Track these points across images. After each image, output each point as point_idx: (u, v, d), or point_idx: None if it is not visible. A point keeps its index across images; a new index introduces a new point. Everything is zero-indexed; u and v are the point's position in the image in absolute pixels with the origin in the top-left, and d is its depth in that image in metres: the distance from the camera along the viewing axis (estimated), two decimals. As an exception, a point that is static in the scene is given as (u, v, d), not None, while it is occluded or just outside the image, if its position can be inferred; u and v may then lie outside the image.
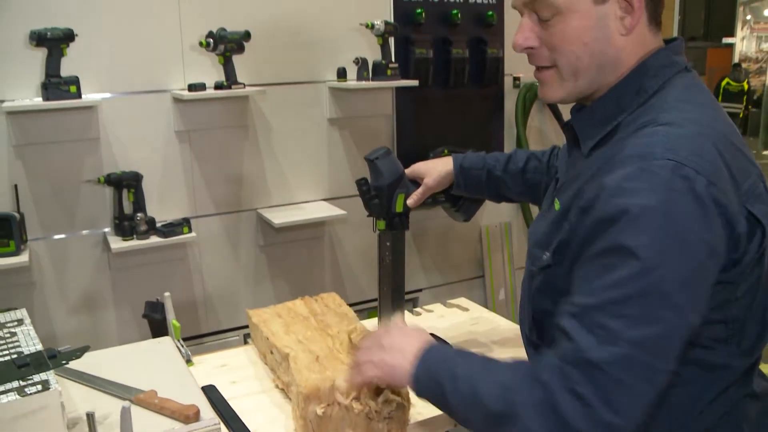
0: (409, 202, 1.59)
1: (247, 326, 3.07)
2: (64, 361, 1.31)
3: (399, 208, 1.61)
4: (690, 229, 0.88)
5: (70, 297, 2.79)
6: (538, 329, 1.14)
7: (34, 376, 1.24)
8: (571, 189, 1.07)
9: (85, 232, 2.78)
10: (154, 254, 2.84)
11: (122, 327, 2.88)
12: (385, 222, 1.64)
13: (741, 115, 11.35)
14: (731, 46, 13.09)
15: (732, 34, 13.22)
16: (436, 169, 1.59)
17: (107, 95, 2.70)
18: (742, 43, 12.88)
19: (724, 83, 11.96)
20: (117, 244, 2.67)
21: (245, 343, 2.94)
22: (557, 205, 1.09)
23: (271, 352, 1.58)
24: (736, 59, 12.64)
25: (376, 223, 1.66)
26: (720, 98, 11.58)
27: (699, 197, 0.88)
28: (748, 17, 12.66)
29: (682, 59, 1.08)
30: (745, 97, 11.55)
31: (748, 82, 11.66)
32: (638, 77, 1.04)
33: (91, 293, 2.82)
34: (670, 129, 0.94)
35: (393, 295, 1.70)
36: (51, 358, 1.30)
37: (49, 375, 1.24)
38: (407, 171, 1.62)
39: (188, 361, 1.66)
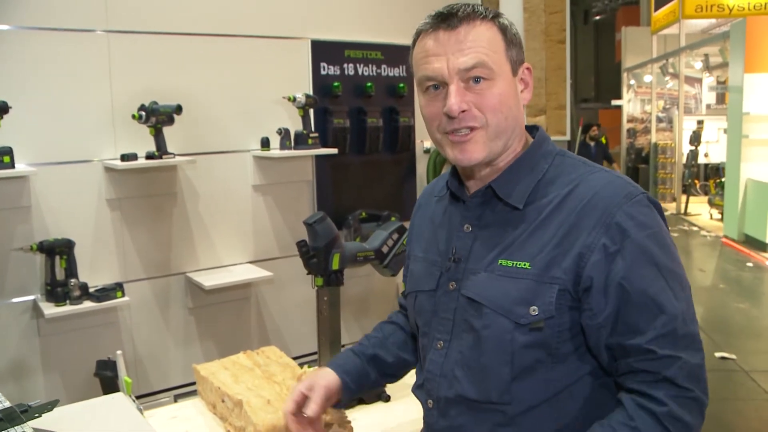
0: (311, 410, 1.27)
1: (178, 386, 3.18)
2: (37, 414, 1.41)
3: (335, 266, 1.85)
4: (669, 233, 1.15)
5: (-3, 365, 2.80)
6: (509, 391, 1.14)
7: (9, 429, 1.34)
8: (534, 245, 1.13)
9: (14, 300, 2.81)
10: (85, 319, 2.90)
11: (51, 392, 2.89)
12: (322, 279, 1.87)
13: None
14: (620, 107, 14.12)
15: (619, 96, 14.27)
16: (320, 377, 1.36)
17: (40, 165, 2.79)
18: (629, 104, 13.90)
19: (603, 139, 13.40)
20: (50, 310, 2.72)
21: (175, 402, 3.02)
22: (522, 264, 1.13)
23: (223, 401, 1.71)
24: (624, 120, 13.62)
25: (315, 280, 1.87)
26: (576, 150, 12.89)
27: (661, 213, 1.15)
28: (632, 82, 13.68)
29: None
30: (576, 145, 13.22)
31: (606, 138, 12.99)
32: (540, 145, 1.22)
33: (18, 360, 2.84)
34: (614, 175, 1.16)
35: (331, 344, 1.88)
36: (23, 412, 1.40)
37: (26, 428, 1.35)
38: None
39: (141, 414, 1.77)
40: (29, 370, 2.87)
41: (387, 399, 1.88)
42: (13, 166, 2.64)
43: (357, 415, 1.80)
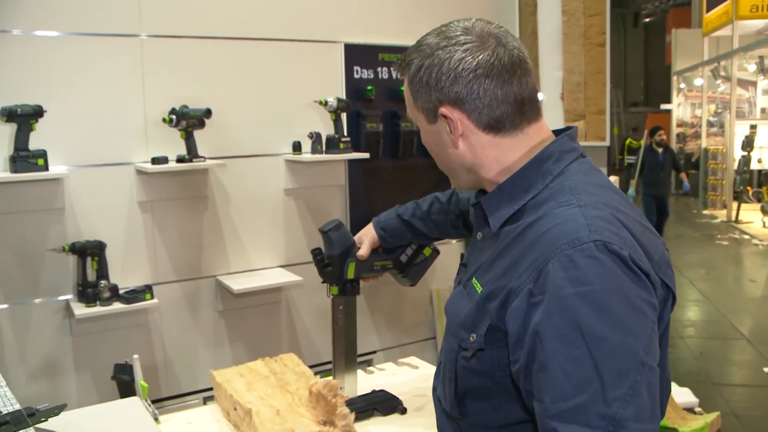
0: (360, 253, 1.78)
1: (206, 389, 3.19)
2: (43, 418, 1.42)
3: (350, 275, 1.80)
4: (637, 296, 0.93)
5: (30, 363, 2.85)
6: (460, 405, 1.12)
7: (14, 433, 1.34)
8: (492, 271, 1.08)
9: (47, 299, 2.86)
10: (116, 320, 2.93)
11: (82, 392, 2.94)
12: (337, 288, 1.84)
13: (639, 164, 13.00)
14: (669, 111, 13.83)
15: (669, 100, 13.97)
16: (368, 231, 1.82)
17: (73, 167, 2.83)
18: (678, 109, 13.60)
19: (627, 142, 13.97)
20: (80, 310, 2.76)
21: (204, 404, 3.03)
22: (478, 287, 1.09)
23: (235, 409, 1.70)
24: (674, 124, 13.34)
25: (330, 289, 1.85)
26: (625, 152, 13.09)
27: (631, 267, 0.94)
28: (682, 86, 13.38)
29: (579, 145, 1.16)
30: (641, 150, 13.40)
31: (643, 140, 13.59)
32: (542, 162, 1.10)
33: (51, 359, 2.89)
34: (587, 211, 0.99)
35: (346, 354, 1.86)
36: (30, 416, 1.41)
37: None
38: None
39: (156, 420, 1.77)
40: (62, 370, 2.91)
41: (403, 411, 1.84)
42: (47, 169, 2.68)
43: (372, 429, 1.77)
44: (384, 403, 1.85)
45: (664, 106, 14.28)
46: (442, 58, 1.09)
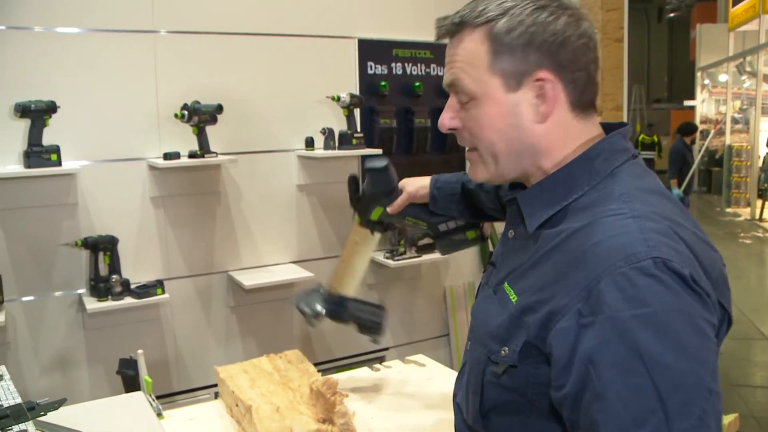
0: (390, 209, 1.64)
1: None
2: (42, 413, 1.42)
3: (374, 217, 1.68)
4: (700, 317, 0.85)
5: (44, 356, 2.88)
6: (484, 419, 1.04)
7: (13, 426, 1.35)
8: (529, 279, 0.99)
9: (60, 293, 2.88)
10: (127, 315, 2.95)
11: (95, 385, 2.96)
12: (359, 220, 1.74)
13: (654, 160, 13.35)
14: (693, 108, 13.65)
15: (693, 97, 13.80)
16: (415, 180, 1.65)
17: (86, 163, 2.85)
18: (702, 105, 13.43)
19: (640, 138, 14.41)
20: (92, 304, 2.78)
21: (216, 399, 3.03)
22: (513, 296, 1.00)
23: (237, 405, 1.70)
24: (697, 121, 13.17)
25: (355, 215, 1.77)
26: (639, 148, 13.20)
27: (692, 287, 0.85)
28: (706, 82, 13.20)
29: (631, 145, 1.06)
30: (656, 147, 14.24)
31: (657, 137, 14.23)
32: (591, 159, 1.01)
33: (64, 353, 2.91)
34: (642, 222, 0.90)
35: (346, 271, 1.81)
36: (30, 410, 1.41)
37: (29, 426, 1.36)
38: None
39: (159, 415, 1.77)
40: (75, 363, 2.94)
41: (376, 341, 1.80)
42: (60, 164, 2.70)
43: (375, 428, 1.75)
44: (365, 318, 1.77)
45: (687, 103, 14.10)
46: (547, 19, 0.97)
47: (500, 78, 0.99)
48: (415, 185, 1.62)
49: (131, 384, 1.91)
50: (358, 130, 3.35)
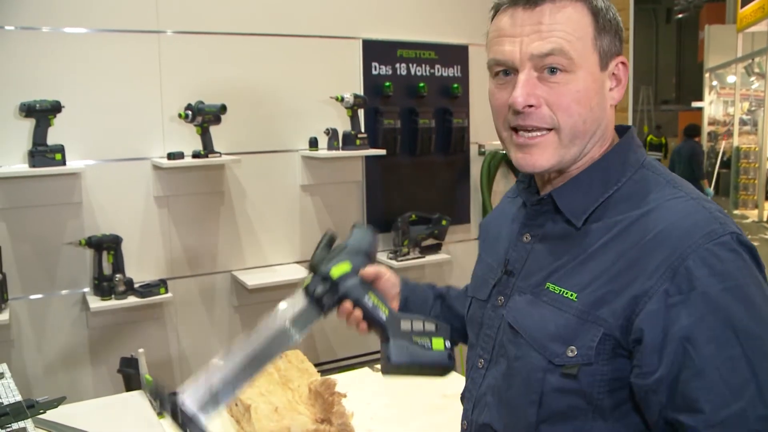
0: (364, 271, 1.19)
1: (219, 384, 3.20)
2: (42, 411, 1.43)
3: (336, 273, 1.18)
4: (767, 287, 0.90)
5: (47, 354, 2.89)
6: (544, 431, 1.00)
7: (12, 424, 1.36)
8: (586, 273, 0.97)
9: (64, 292, 2.90)
10: (131, 313, 2.96)
11: (98, 383, 2.97)
12: (309, 280, 1.21)
13: (660, 160, 13.49)
14: (701, 109, 13.59)
15: (701, 98, 13.73)
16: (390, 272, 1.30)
17: (90, 162, 2.86)
18: (710, 107, 13.36)
19: (648, 138, 14.56)
20: (96, 303, 2.79)
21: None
22: (569, 294, 0.98)
23: (236, 404, 1.70)
24: (705, 122, 13.11)
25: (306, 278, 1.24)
26: (648, 148, 13.36)
27: (759, 260, 0.90)
28: (714, 83, 13.13)
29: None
30: (663, 148, 14.37)
31: (665, 138, 14.38)
32: (624, 151, 1.03)
33: (68, 351, 2.92)
34: (704, 203, 0.94)
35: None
36: (29, 408, 1.42)
37: (27, 423, 1.37)
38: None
39: (159, 414, 1.78)
40: (79, 362, 2.95)
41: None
42: (64, 164, 2.71)
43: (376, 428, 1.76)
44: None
45: (695, 104, 14.02)
46: (614, 9, 1.02)
47: (598, 54, 0.99)
48: (382, 267, 1.26)
49: (132, 383, 1.91)
50: (362, 130, 3.35)
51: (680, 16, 18.25)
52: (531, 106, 0.97)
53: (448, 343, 1.16)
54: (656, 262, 0.89)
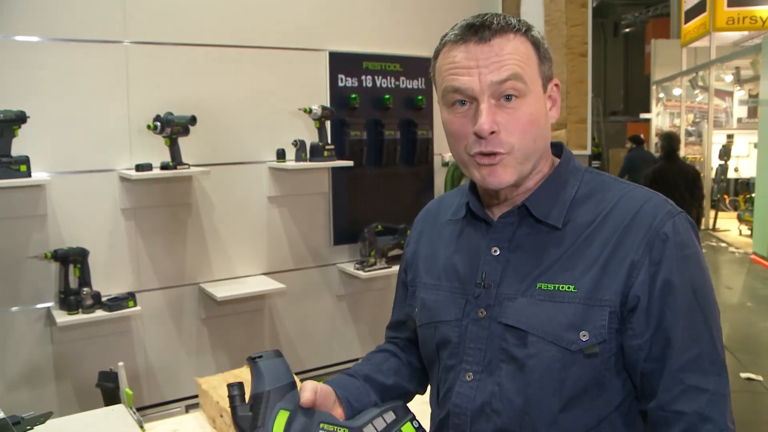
0: (303, 401, 1.09)
1: (189, 397, 3.18)
2: (29, 427, 1.41)
3: (277, 429, 1.06)
4: None
5: (10, 371, 2.82)
6: (562, 419, 1.08)
7: (0, 441, 1.34)
8: (579, 266, 1.09)
9: (28, 307, 2.84)
10: (98, 328, 2.91)
11: (63, 400, 2.91)
12: None
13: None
14: (648, 121, 13.95)
15: (648, 110, 14.11)
16: (305, 384, 1.16)
17: (56, 174, 2.82)
18: (657, 118, 13.74)
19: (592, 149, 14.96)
20: (62, 318, 2.74)
21: (186, 413, 3.01)
22: (567, 287, 1.08)
23: (221, 416, 1.70)
24: (653, 133, 13.48)
25: None
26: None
27: (698, 233, 1.12)
28: (661, 95, 13.51)
29: None
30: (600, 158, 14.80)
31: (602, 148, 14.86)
32: (568, 161, 1.18)
33: (32, 367, 2.86)
34: (651, 191, 1.13)
35: None
36: (15, 424, 1.40)
37: (16, 439, 1.35)
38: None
39: (141, 427, 1.76)
40: (42, 378, 2.89)
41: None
42: (29, 175, 2.66)
43: None
44: None
45: (643, 116, 14.42)
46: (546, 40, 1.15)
47: (541, 79, 1.11)
48: (311, 383, 1.15)
49: (111, 397, 1.89)
50: (329, 141, 3.37)
51: (627, 30, 18.79)
52: (493, 132, 1.07)
53: (415, 423, 1.18)
54: (638, 240, 1.06)
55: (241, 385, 1.09)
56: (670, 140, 6.97)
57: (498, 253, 1.16)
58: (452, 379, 1.18)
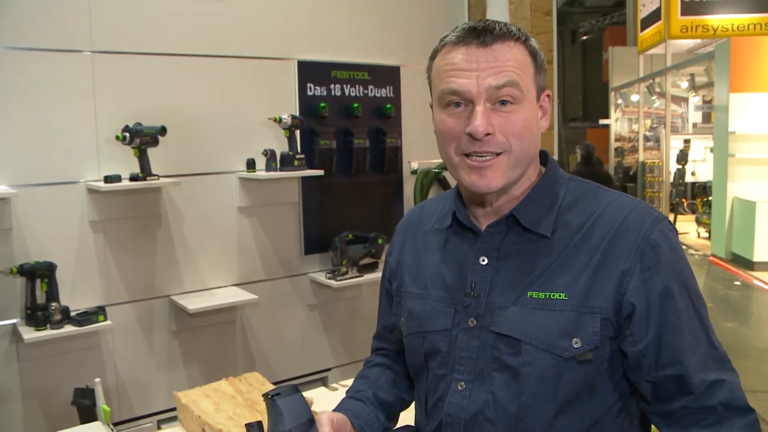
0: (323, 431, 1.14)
1: (160, 412, 3.13)
2: (8, 447, 1.37)
3: None
4: None
5: (-25, 391, 2.75)
6: (556, 425, 1.10)
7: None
8: (568, 274, 1.10)
9: (-7, 323, 2.77)
10: (66, 344, 2.85)
11: (30, 420, 2.83)
12: None
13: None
14: (607, 126, 14.19)
15: (607, 116, 14.35)
16: (321, 414, 1.20)
17: (21, 186, 2.75)
18: (616, 124, 13.98)
19: None
20: (29, 334, 2.67)
21: (158, 429, 2.96)
22: (557, 295, 1.09)
23: (203, 430, 1.68)
24: (612, 139, 13.72)
25: None
26: None
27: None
28: (619, 101, 13.75)
29: None
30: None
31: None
32: (554, 170, 1.20)
33: (-3, 386, 2.79)
34: (636, 199, 1.17)
35: None
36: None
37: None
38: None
39: (119, 445, 1.73)
40: (7, 397, 2.80)
41: None
42: (-7, 188, 2.60)
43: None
44: None
45: (602, 121, 14.67)
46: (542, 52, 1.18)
47: (535, 89, 1.14)
48: (327, 415, 1.19)
49: (87, 414, 1.85)
50: (299, 150, 3.36)
51: (585, 37, 19.11)
52: (489, 134, 1.09)
53: None
54: (627, 247, 1.08)
55: (260, 424, 1.11)
56: (587, 148, 8.25)
57: (486, 262, 1.17)
58: (443, 388, 1.18)
